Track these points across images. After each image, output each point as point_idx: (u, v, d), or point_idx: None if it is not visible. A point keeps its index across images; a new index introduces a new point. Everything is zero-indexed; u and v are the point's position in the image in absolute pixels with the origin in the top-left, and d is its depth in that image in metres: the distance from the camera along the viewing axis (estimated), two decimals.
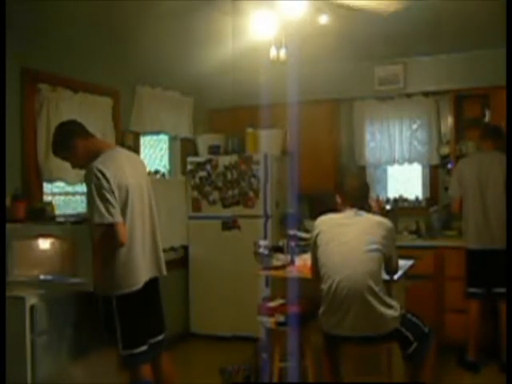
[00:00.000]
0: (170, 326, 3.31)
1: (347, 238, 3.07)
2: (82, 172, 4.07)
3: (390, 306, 3.02)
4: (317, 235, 3.17)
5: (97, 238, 2.86)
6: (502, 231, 4.00)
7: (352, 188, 3.28)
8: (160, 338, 3.12)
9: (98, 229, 2.80)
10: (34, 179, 3.86)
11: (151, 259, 3.05)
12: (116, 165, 2.90)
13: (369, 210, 3.34)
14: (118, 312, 2.88)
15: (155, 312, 3.12)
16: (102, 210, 2.75)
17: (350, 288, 2.97)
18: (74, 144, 2.96)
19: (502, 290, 4.03)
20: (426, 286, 4.63)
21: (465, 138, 5.05)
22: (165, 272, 3.14)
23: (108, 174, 2.80)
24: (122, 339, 2.89)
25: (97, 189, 2.77)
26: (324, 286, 3.07)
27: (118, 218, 2.80)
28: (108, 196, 2.77)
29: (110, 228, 2.78)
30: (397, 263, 3.26)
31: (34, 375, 2.93)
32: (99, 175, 2.79)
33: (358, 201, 3.22)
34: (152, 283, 3.05)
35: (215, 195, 5.34)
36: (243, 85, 5.50)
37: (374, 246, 3.01)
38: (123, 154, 3.12)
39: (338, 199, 3.28)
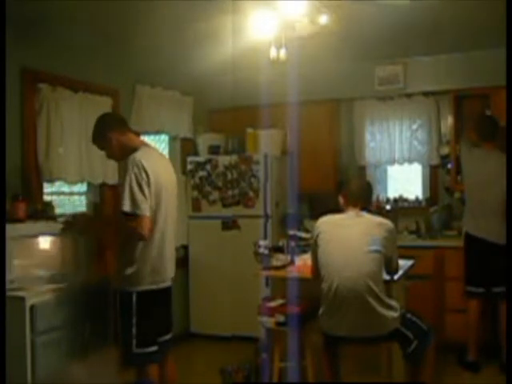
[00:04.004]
0: None
1: (348, 238, 3.07)
2: (82, 172, 4.17)
3: (390, 307, 3.02)
4: (317, 235, 3.17)
5: (124, 228, 2.89)
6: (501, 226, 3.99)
7: (356, 188, 3.28)
8: (167, 337, 3.11)
9: (127, 218, 2.81)
10: (34, 179, 3.86)
11: (172, 259, 3.09)
12: (154, 161, 2.96)
13: (370, 210, 3.34)
14: (137, 308, 2.88)
15: (166, 312, 3.12)
16: (138, 200, 2.79)
17: (350, 288, 2.97)
18: (108, 136, 3.02)
19: (502, 289, 4.03)
20: (426, 285, 4.62)
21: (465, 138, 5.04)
22: (173, 274, 3.14)
23: (148, 169, 2.86)
24: (137, 337, 2.89)
25: (136, 179, 2.82)
26: (324, 286, 3.07)
27: (147, 212, 2.83)
28: (145, 188, 2.82)
29: (138, 219, 2.80)
30: (397, 263, 3.27)
31: (33, 375, 2.94)
32: (141, 167, 2.84)
33: (362, 201, 3.22)
34: None
35: (215, 195, 5.34)
36: (243, 85, 5.50)
37: (375, 247, 3.01)
38: (157, 152, 3.21)
39: (341, 199, 3.28)
